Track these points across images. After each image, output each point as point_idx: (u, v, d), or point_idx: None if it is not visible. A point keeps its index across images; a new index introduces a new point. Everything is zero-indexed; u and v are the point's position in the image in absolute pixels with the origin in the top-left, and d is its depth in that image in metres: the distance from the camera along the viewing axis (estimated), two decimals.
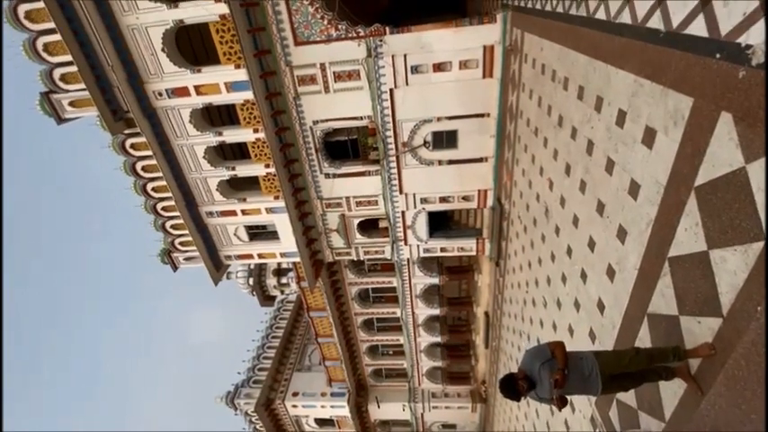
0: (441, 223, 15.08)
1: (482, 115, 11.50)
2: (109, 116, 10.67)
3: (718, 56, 2.79)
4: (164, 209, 12.79)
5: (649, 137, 3.82)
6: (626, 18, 4.12)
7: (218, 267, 14.13)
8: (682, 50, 3.20)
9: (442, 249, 14.89)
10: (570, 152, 6.03)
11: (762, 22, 2.40)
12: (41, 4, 9.12)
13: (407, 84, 10.98)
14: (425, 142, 12.10)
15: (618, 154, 4.50)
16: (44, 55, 9.97)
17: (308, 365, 21.51)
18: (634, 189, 4.17)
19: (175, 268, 13.99)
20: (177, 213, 12.61)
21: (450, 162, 12.49)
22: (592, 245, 5.42)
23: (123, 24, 9.79)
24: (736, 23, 2.62)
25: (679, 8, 3.21)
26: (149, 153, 11.44)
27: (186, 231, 12.93)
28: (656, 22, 3.57)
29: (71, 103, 10.72)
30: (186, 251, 13.65)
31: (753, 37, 2.49)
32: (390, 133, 11.93)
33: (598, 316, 5.35)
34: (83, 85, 10.10)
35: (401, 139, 12.07)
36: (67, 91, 10.51)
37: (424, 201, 13.48)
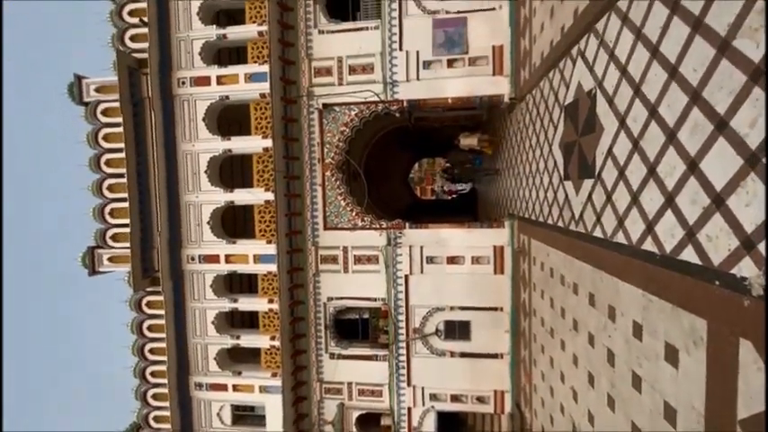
0: (452, 428, 13.04)
1: (495, 309, 11.49)
2: (139, 274, 11.32)
3: (717, 283, 2.89)
4: (152, 374, 12.00)
5: (672, 355, 3.61)
6: (621, 238, 4.45)
7: None
8: (681, 273, 3.33)
9: None
10: (590, 360, 5.66)
11: (748, 259, 2.58)
12: (122, 180, 11.07)
13: (422, 272, 11.56)
14: (437, 330, 11.79)
15: (643, 369, 4.18)
16: (108, 218, 11.51)
17: None
18: (670, 414, 3.68)
19: None
20: (164, 381, 11.72)
21: (463, 355, 11.77)
22: None
23: (183, 200, 11.51)
24: (724, 257, 2.79)
25: (668, 237, 3.52)
26: (161, 312, 11.51)
27: (166, 403, 11.70)
28: (649, 246, 3.84)
29: (109, 259, 11.63)
30: (158, 429, 11.99)
31: (745, 270, 2.59)
32: (402, 317, 11.82)
33: None
34: (127, 244, 11.17)
35: (413, 324, 11.86)
36: (112, 248, 11.56)
37: (433, 397, 12.10)
